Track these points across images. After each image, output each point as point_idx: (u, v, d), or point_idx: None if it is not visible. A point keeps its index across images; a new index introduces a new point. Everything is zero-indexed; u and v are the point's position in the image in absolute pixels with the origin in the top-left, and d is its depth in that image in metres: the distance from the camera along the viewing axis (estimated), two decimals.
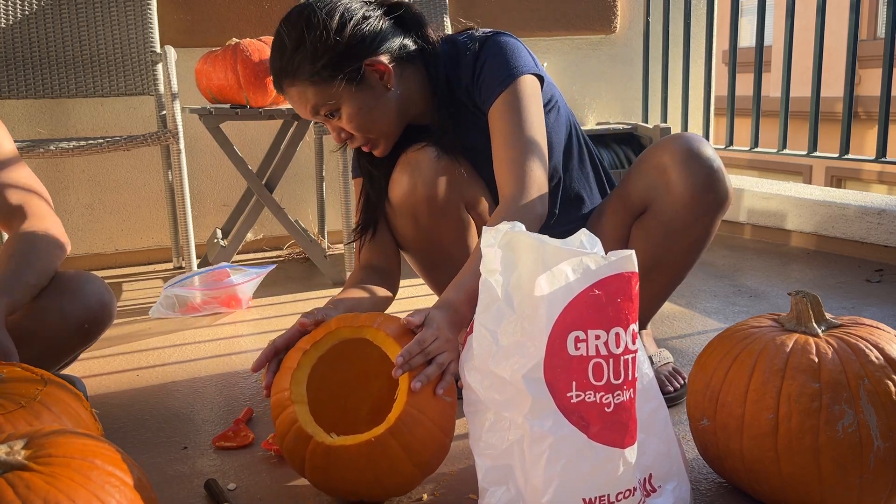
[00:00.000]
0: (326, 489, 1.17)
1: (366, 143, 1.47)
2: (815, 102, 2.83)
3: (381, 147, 1.49)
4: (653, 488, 1.07)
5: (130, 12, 2.60)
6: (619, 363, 0.99)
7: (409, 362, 1.13)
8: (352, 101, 1.40)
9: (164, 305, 2.22)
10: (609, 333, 0.99)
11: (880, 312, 2.05)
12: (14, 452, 0.80)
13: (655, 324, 2.00)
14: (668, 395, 1.53)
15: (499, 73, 1.44)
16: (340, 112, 1.41)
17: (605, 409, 0.99)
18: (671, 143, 1.46)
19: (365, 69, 1.40)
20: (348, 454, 1.09)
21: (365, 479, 1.11)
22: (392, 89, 1.43)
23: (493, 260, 1.06)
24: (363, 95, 1.41)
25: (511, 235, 1.06)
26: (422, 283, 1.77)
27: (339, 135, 1.46)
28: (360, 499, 1.17)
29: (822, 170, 10.63)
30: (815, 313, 1.14)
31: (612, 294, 0.99)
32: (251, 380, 1.74)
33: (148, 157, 2.86)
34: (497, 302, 1.05)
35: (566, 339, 0.99)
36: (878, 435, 1.02)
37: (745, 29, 9.88)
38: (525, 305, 1.03)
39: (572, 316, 0.99)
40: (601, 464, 0.98)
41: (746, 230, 3.08)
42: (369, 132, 1.45)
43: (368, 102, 1.41)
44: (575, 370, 0.99)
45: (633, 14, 3.48)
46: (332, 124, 1.45)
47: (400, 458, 1.10)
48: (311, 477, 1.16)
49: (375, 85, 1.42)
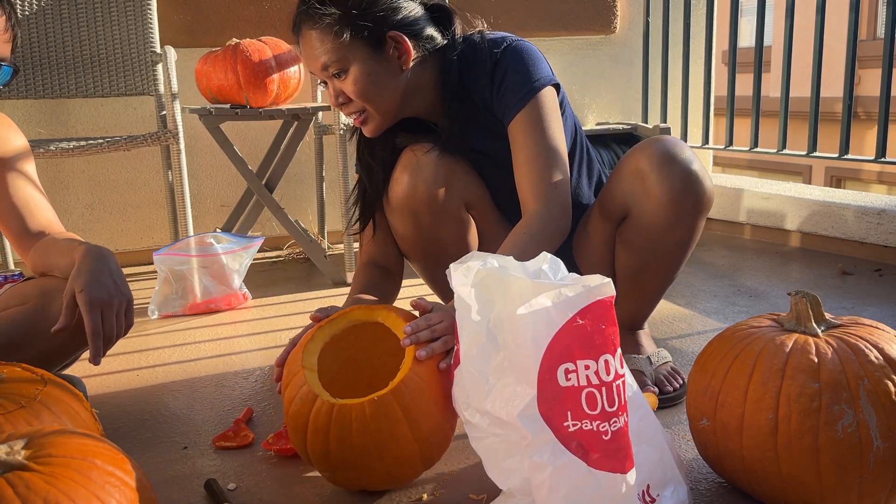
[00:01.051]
0: (327, 466, 1.16)
1: (359, 114, 1.47)
2: (815, 102, 2.82)
3: (371, 125, 1.48)
4: (652, 499, 1.07)
5: (130, 12, 2.61)
6: (612, 390, 0.99)
7: (416, 333, 1.17)
8: (364, 64, 1.40)
9: (166, 297, 2.22)
10: (598, 362, 0.99)
11: (880, 312, 2.05)
12: (14, 452, 0.80)
13: (655, 323, 2.00)
14: (667, 395, 1.53)
15: (521, 86, 1.45)
16: (348, 73, 1.41)
17: (602, 437, 0.98)
18: (648, 148, 1.45)
19: (388, 39, 1.41)
20: (351, 413, 1.10)
21: (365, 444, 1.11)
22: (405, 72, 1.44)
23: (469, 299, 1.06)
24: (376, 64, 1.41)
25: (483, 273, 1.05)
26: (421, 283, 1.77)
27: (336, 98, 1.46)
28: (360, 483, 1.18)
29: (821, 170, 10.63)
30: (814, 313, 1.14)
31: (595, 322, 0.99)
32: (251, 380, 1.74)
33: (148, 157, 2.86)
34: (481, 341, 1.05)
35: (556, 372, 0.99)
36: (878, 435, 1.02)
37: (745, 29, 9.88)
38: (509, 342, 1.02)
39: (559, 348, 0.99)
40: (603, 491, 0.98)
41: (746, 230, 3.08)
42: (369, 102, 1.44)
43: (379, 73, 1.42)
44: (568, 400, 0.99)
45: (632, 14, 3.48)
46: (334, 84, 1.44)
47: (400, 422, 1.11)
48: (313, 447, 1.14)
49: (392, 60, 1.42)
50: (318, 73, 1.44)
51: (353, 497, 1.22)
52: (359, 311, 1.26)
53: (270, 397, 1.63)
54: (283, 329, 2.09)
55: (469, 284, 1.07)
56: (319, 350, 1.22)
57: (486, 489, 1.16)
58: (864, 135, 6.51)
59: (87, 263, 1.33)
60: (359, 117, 1.48)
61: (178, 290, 2.24)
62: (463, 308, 1.07)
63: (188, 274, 2.22)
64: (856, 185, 10.38)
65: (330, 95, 1.47)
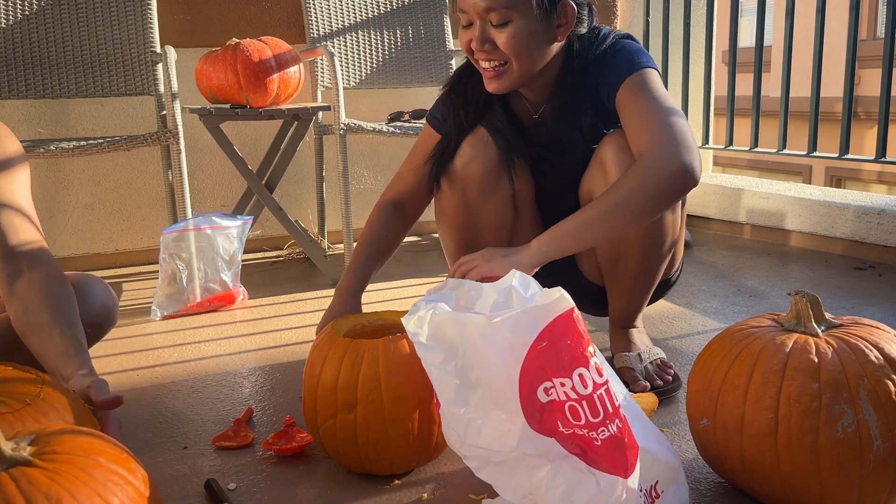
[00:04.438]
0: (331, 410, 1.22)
1: (498, 65, 1.44)
2: (815, 102, 2.82)
3: (505, 80, 1.45)
4: (658, 494, 1.07)
5: (130, 12, 2.61)
6: (594, 401, 0.98)
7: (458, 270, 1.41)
8: (530, 23, 1.39)
9: (168, 296, 2.22)
10: (573, 378, 0.98)
11: (880, 312, 2.05)
12: (20, 448, 0.81)
13: (655, 323, 2.00)
14: (657, 388, 1.53)
15: (628, 63, 1.44)
16: (509, 25, 1.39)
17: (594, 442, 0.98)
18: (612, 136, 1.47)
19: (559, 5, 1.41)
20: (366, 346, 1.22)
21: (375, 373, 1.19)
22: (556, 42, 1.45)
23: (431, 348, 1.06)
24: (540, 26, 1.41)
25: (437, 320, 1.06)
26: (410, 286, 1.77)
27: (482, 44, 1.41)
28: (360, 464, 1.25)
29: (821, 170, 10.63)
30: (814, 313, 1.14)
31: (557, 340, 0.99)
32: (251, 380, 1.74)
33: (148, 157, 2.86)
34: (455, 384, 1.05)
35: (536, 393, 1.00)
36: (878, 435, 1.02)
37: (745, 29, 9.89)
38: (483, 378, 1.03)
39: (531, 373, 0.99)
40: (602, 492, 0.98)
41: (746, 230, 3.08)
42: (518, 58, 1.42)
43: (539, 34, 1.41)
44: (556, 412, 1.00)
45: (633, 14, 3.48)
46: (485, 31, 1.40)
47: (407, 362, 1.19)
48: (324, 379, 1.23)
49: (552, 27, 1.43)
50: (475, 13, 1.40)
51: (354, 497, 1.22)
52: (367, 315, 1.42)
53: (270, 397, 1.64)
54: (282, 329, 2.09)
55: (425, 335, 1.07)
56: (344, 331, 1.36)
57: (486, 489, 1.16)
58: (864, 135, 6.52)
59: None
60: (495, 69, 1.44)
61: (180, 279, 2.23)
62: (428, 356, 1.07)
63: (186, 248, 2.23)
64: (856, 185, 10.38)
65: (470, 39, 1.42)
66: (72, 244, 2.83)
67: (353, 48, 2.89)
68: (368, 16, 2.93)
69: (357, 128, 2.49)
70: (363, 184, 3.16)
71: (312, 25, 2.82)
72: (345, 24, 2.89)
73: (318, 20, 2.83)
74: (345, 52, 2.87)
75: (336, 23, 2.87)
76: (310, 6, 2.82)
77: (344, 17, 2.89)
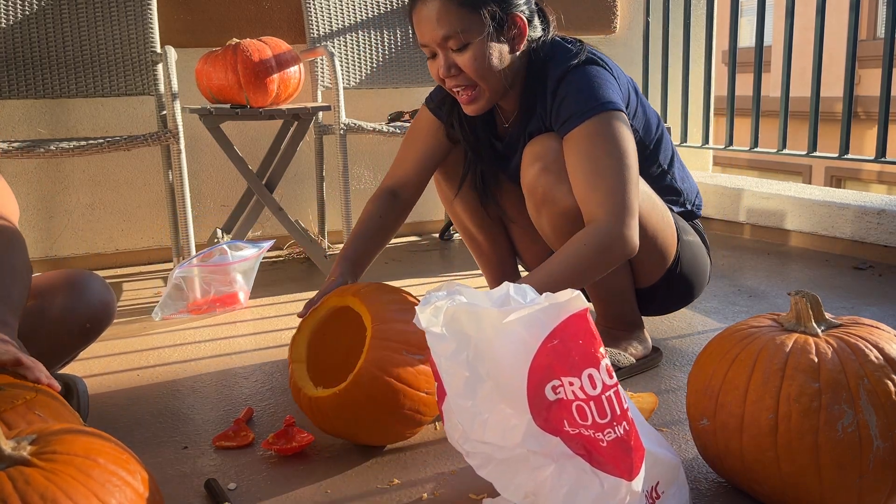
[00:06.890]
0: (323, 429, 1.36)
1: (467, 89, 1.47)
2: (815, 102, 2.83)
3: (480, 102, 1.49)
4: (658, 494, 1.07)
5: (130, 12, 2.61)
6: (602, 403, 0.98)
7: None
8: (486, 42, 1.42)
9: (171, 297, 2.22)
10: (582, 378, 0.98)
11: (880, 312, 2.05)
12: (20, 448, 0.81)
13: (655, 323, 2.00)
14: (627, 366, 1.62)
15: (582, 102, 1.44)
16: (468, 48, 1.42)
17: (599, 444, 0.98)
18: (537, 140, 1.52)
19: (508, 19, 1.44)
20: (326, 403, 1.30)
21: (345, 419, 1.30)
22: (514, 55, 1.48)
23: (444, 337, 1.06)
24: (495, 43, 1.44)
25: (452, 310, 1.06)
26: (419, 285, 1.77)
27: (448, 70, 1.45)
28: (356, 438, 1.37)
29: (821, 170, 10.64)
30: (814, 313, 1.14)
31: (570, 338, 0.99)
32: (251, 380, 1.74)
33: (148, 157, 2.86)
34: (465, 375, 1.05)
35: (544, 390, 1.00)
36: (878, 435, 1.02)
37: (745, 29, 9.88)
38: (493, 371, 1.03)
39: (541, 370, 0.99)
40: (606, 494, 0.98)
41: (746, 230, 3.08)
42: (484, 79, 1.45)
43: (497, 50, 1.44)
44: (563, 410, 0.99)
45: (633, 14, 3.48)
46: (448, 57, 1.44)
47: (365, 406, 1.27)
48: (310, 417, 1.36)
49: (506, 41, 1.46)
50: (435, 44, 1.43)
51: (353, 497, 1.22)
52: (333, 299, 1.42)
53: (270, 397, 1.64)
54: (283, 329, 2.09)
55: (440, 324, 1.07)
56: (307, 341, 1.41)
57: (486, 489, 1.16)
58: (864, 135, 6.52)
59: None
60: (466, 92, 1.48)
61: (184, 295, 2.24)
62: (440, 346, 1.07)
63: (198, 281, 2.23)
64: (856, 185, 10.38)
65: (438, 67, 1.46)
66: (72, 244, 2.83)
67: (353, 48, 2.89)
68: (368, 16, 2.93)
69: (357, 128, 2.48)
70: (363, 184, 3.16)
71: (312, 25, 2.82)
72: (345, 24, 2.89)
73: (318, 20, 2.83)
74: (345, 52, 2.87)
75: (336, 23, 2.87)
76: (310, 6, 2.82)
77: (344, 17, 2.89)
